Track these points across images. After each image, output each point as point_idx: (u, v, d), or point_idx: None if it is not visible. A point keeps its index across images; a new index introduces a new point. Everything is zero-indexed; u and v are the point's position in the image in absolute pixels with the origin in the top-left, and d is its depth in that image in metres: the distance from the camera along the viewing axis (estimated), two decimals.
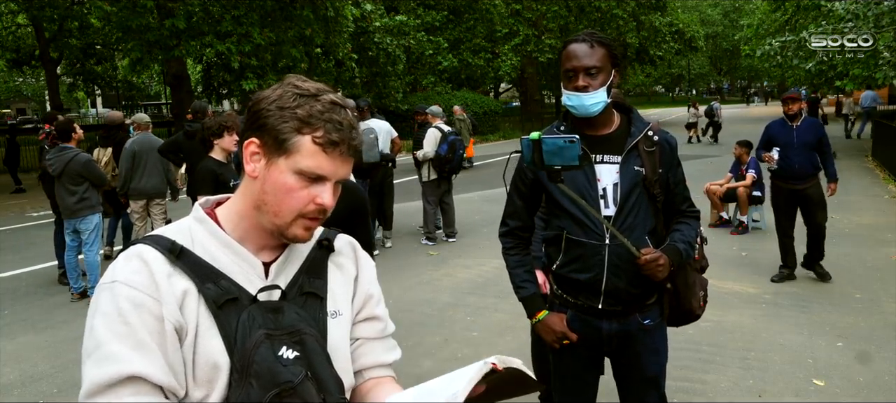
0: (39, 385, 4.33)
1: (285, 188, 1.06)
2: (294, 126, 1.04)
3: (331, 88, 1.11)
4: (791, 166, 5.80)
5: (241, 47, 15.75)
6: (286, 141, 1.05)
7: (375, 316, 1.26)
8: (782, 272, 6.05)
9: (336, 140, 1.05)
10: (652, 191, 2.10)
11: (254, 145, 1.08)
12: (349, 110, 1.09)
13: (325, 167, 1.06)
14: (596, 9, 28.67)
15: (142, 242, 1.06)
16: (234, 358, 1.01)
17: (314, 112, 1.05)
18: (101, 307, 0.99)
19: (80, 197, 5.93)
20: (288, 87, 1.07)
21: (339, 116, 1.06)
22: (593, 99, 2.03)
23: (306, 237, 1.11)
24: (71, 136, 6.02)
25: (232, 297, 1.05)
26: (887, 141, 13.80)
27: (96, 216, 6.08)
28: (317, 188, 1.07)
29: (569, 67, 2.05)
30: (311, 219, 1.09)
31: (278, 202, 1.07)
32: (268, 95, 1.08)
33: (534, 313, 2.26)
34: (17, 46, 27.17)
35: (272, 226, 1.09)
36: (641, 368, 2.24)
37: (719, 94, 44.61)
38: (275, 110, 1.06)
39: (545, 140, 1.94)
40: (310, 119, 1.04)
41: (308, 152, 1.04)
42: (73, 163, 5.86)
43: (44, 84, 35.90)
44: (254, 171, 1.09)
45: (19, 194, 14.83)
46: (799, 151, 5.74)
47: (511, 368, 1.05)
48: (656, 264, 2.01)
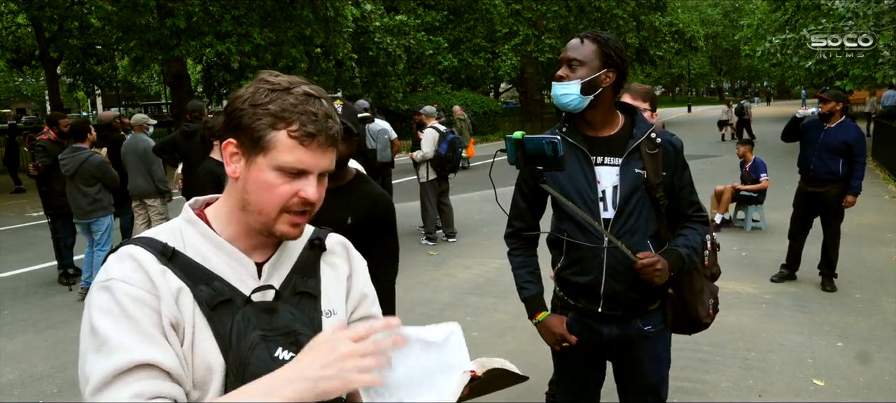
0: (39, 385, 4.33)
1: (267, 185, 1.04)
2: (268, 122, 1.03)
3: (305, 80, 1.09)
4: (807, 167, 5.66)
5: (241, 47, 15.76)
6: (262, 138, 1.03)
7: (371, 316, 1.26)
8: (782, 272, 5.99)
9: (312, 131, 1.03)
10: (654, 194, 2.06)
11: (232, 146, 1.07)
12: (324, 100, 1.07)
13: (304, 160, 1.04)
14: (596, 9, 28.65)
15: (133, 243, 1.05)
16: (228, 360, 1.01)
17: (287, 105, 1.03)
18: (100, 305, 0.97)
19: (93, 198, 5.97)
20: (260, 84, 1.06)
21: (313, 107, 1.04)
22: (564, 89, 2.01)
23: (294, 233, 1.09)
24: (86, 137, 6.03)
25: (225, 299, 1.04)
26: (887, 141, 13.79)
27: (108, 217, 6.12)
28: (299, 182, 1.05)
29: (558, 59, 2.08)
30: (296, 214, 1.07)
31: (261, 200, 1.05)
32: (241, 94, 1.07)
33: (534, 314, 2.26)
34: (17, 46, 27.16)
35: (259, 225, 1.08)
36: (641, 374, 2.22)
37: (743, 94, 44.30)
38: (248, 108, 1.04)
39: (527, 139, 1.94)
40: (283, 113, 1.03)
41: (285, 147, 1.03)
42: (87, 163, 5.88)
43: (44, 84, 35.85)
44: (235, 172, 1.08)
45: (19, 194, 14.83)
46: (819, 154, 5.54)
47: (493, 369, 1.05)
48: (653, 268, 1.98)
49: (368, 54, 22.00)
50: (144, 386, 0.92)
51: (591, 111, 2.05)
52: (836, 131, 5.51)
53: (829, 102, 5.52)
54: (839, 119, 5.53)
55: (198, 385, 1.00)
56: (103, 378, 0.92)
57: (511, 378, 1.15)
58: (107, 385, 0.92)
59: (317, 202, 1.08)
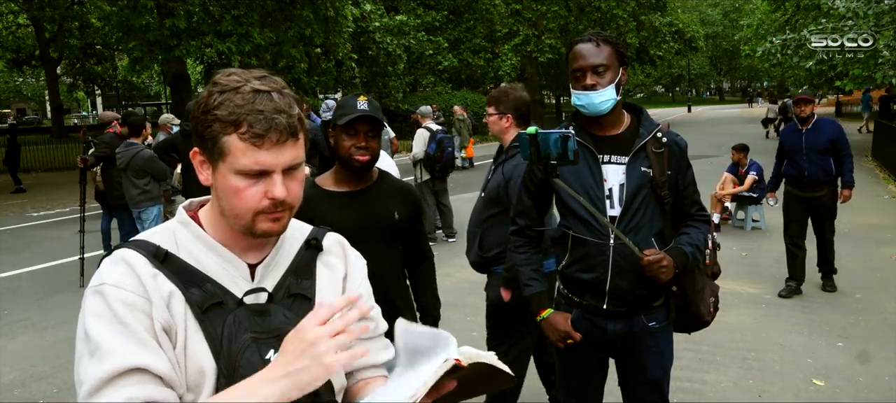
0: (39, 385, 4.33)
1: (234, 190, 1.03)
2: (219, 127, 1.01)
3: (261, 73, 1.05)
4: (800, 173, 5.46)
5: (241, 47, 15.77)
6: (216, 144, 1.01)
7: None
8: (789, 286, 5.62)
9: (260, 132, 0.99)
10: (659, 192, 2.08)
11: (198, 155, 1.06)
12: (275, 93, 1.02)
13: (262, 160, 1.01)
14: (596, 9, 28.61)
15: (126, 247, 1.05)
16: (220, 363, 1.00)
17: (233, 108, 1.00)
18: (93, 311, 0.97)
19: (143, 189, 6.39)
20: (211, 87, 1.04)
21: (260, 105, 1.00)
22: (602, 96, 2.03)
23: (275, 228, 1.07)
24: (141, 133, 6.56)
25: (217, 301, 1.03)
26: (887, 141, 13.80)
27: (156, 207, 6.55)
28: (264, 183, 1.03)
29: (576, 67, 2.05)
30: (271, 213, 1.05)
31: (232, 205, 1.04)
32: (199, 101, 1.05)
33: (538, 311, 2.26)
34: (17, 46, 27.18)
35: (239, 228, 1.07)
36: (645, 370, 2.23)
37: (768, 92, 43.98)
38: (201, 115, 1.03)
39: (541, 134, 1.97)
40: (230, 116, 1.00)
41: (239, 150, 1.00)
42: (137, 158, 6.30)
43: (44, 84, 35.89)
44: (206, 180, 1.07)
45: (19, 194, 14.84)
46: (809, 157, 5.39)
47: (478, 363, 1.03)
48: (659, 265, 2.00)
49: (368, 54, 22.01)
50: (136, 390, 0.92)
51: (607, 111, 2.08)
52: (816, 132, 5.41)
53: (810, 104, 5.45)
54: (812, 120, 5.45)
55: (191, 388, 1.00)
56: (96, 383, 0.92)
57: (497, 377, 1.12)
58: (99, 389, 0.92)
59: (288, 198, 1.04)
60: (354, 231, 1.99)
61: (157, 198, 6.53)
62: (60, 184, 16.17)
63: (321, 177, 2.29)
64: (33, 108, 54.20)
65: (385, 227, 2.23)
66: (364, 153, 2.13)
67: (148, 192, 6.41)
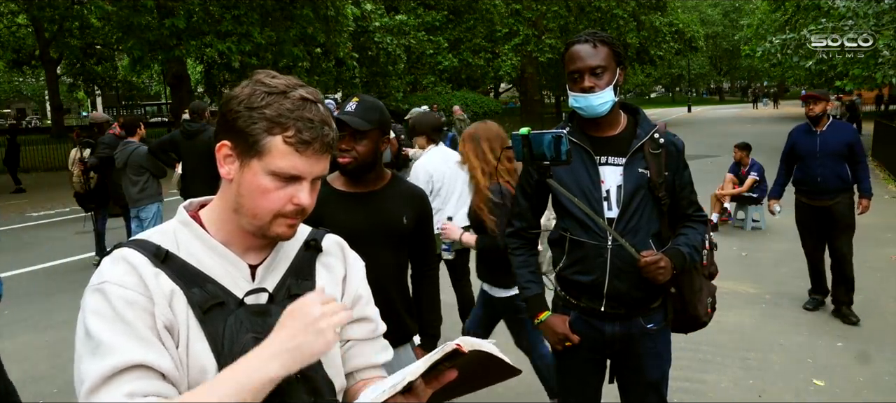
0: (39, 385, 4.33)
1: (260, 190, 1.03)
2: (264, 126, 1.01)
3: (302, 82, 1.07)
4: (813, 179, 4.93)
5: (241, 47, 15.78)
6: (257, 142, 1.02)
7: (366, 317, 1.25)
8: (814, 299, 5.24)
9: (308, 139, 1.02)
10: (657, 193, 2.08)
11: (226, 148, 1.06)
12: (320, 104, 1.06)
13: (299, 167, 1.03)
14: (596, 9, 28.64)
15: (126, 246, 1.05)
16: (221, 363, 1.00)
17: (283, 110, 1.01)
18: (94, 309, 0.97)
19: (142, 186, 6.44)
20: (257, 85, 1.04)
21: (309, 113, 1.02)
22: (600, 99, 2.01)
23: (289, 234, 1.09)
24: (136, 132, 6.61)
25: (218, 302, 1.04)
26: (887, 141, 13.79)
27: (156, 205, 6.57)
28: (293, 188, 1.04)
29: (573, 69, 2.03)
30: (290, 217, 1.07)
31: (255, 204, 1.05)
32: (237, 95, 1.05)
33: (536, 314, 2.25)
34: (17, 46, 27.17)
35: (252, 228, 1.07)
36: (643, 372, 2.23)
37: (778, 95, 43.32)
38: (244, 111, 1.03)
39: (533, 135, 1.96)
40: (279, 118, 1.01)
41: (280, 153, 1.02)
42: (135, 155, 6.35)
43: (44, 84, 35.90)
44: (229, 174, 1.07)
45: (19, 194, 14.84)
46: (823, 162, 4.86)
47: (481, 352, 1.02)
48: (657, 266, 1.99)
49: (368, 54, 22.02)
50: (138, 386, 0.92)
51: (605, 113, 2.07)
52: (831, 133, 4.92)
53: (821, 101, 4.92)
54: (827, 120, 4.99)
55: (192, 386, 1.00)
56: (97, 380, 0.92)
57: (500, 369, 1.11)
58: (101, 386, 0.92)
59: (310, 207, 1.08)
60: (362, 232, 1.99)
61: (156, 196, 6.56)
62: (60, 184, 16.14)
63: (332, 176, 2.28)
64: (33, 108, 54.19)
65: (392, 231, 2.22)
66: (344, 155, 2.12)
67: (147, 190, 6.44)
